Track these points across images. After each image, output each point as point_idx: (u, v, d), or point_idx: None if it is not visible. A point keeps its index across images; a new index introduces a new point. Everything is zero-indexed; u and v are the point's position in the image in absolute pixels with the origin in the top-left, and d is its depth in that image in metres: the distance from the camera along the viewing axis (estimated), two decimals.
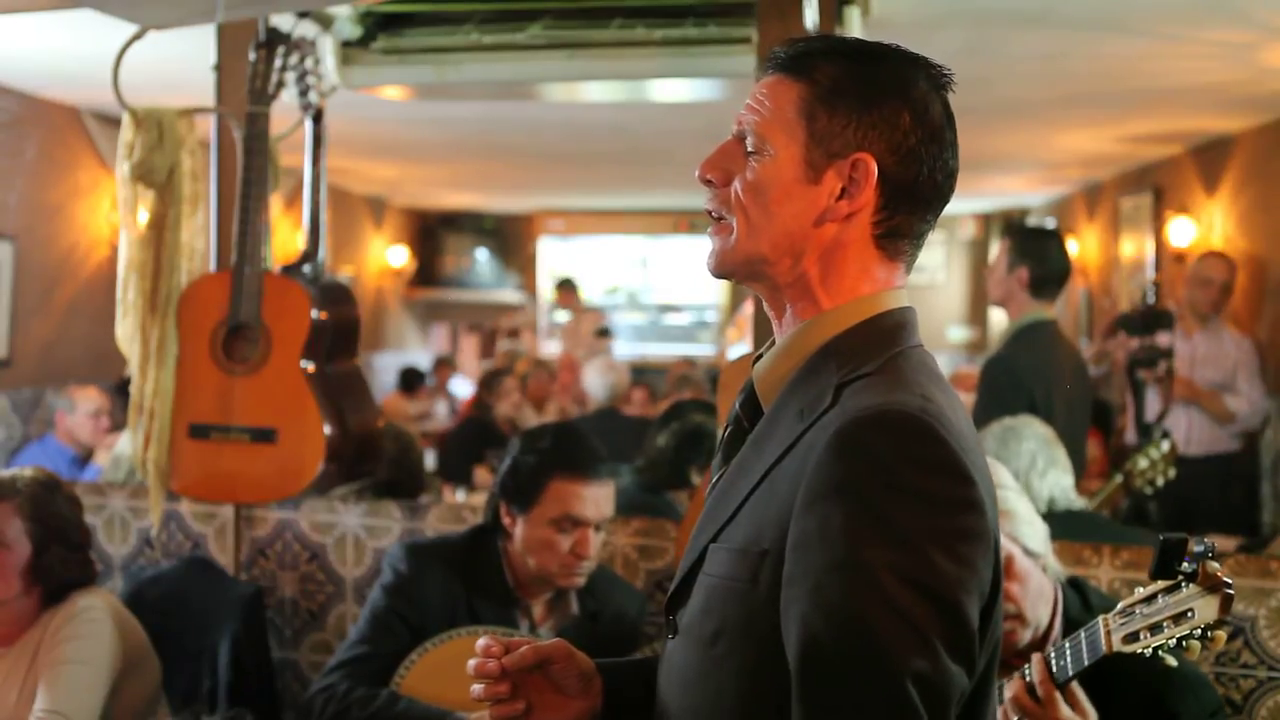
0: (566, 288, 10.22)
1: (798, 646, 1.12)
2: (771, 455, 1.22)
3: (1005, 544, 2.04)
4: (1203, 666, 2.41)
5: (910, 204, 1.26)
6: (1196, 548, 1.72)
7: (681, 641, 1.29)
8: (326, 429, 2.70)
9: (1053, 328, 3.59)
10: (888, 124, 1.23)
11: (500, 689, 1.37)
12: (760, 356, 1.32)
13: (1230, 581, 1.71)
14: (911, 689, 1.08)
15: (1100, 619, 1.85)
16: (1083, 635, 1.88)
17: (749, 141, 1.28)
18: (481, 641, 1.38)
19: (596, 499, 2.44)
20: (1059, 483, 2.89)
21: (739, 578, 1.21)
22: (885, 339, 1.25)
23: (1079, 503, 2.98)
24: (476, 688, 1.37)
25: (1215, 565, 1.72)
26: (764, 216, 1.26)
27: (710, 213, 1.31)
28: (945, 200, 1.28)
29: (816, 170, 1.24)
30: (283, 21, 2.88)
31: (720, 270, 1.31)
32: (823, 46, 1.28)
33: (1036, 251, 3.52)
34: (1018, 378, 3.38)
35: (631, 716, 1.40)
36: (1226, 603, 1.71)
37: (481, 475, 5.14)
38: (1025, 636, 2.11)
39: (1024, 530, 2.12)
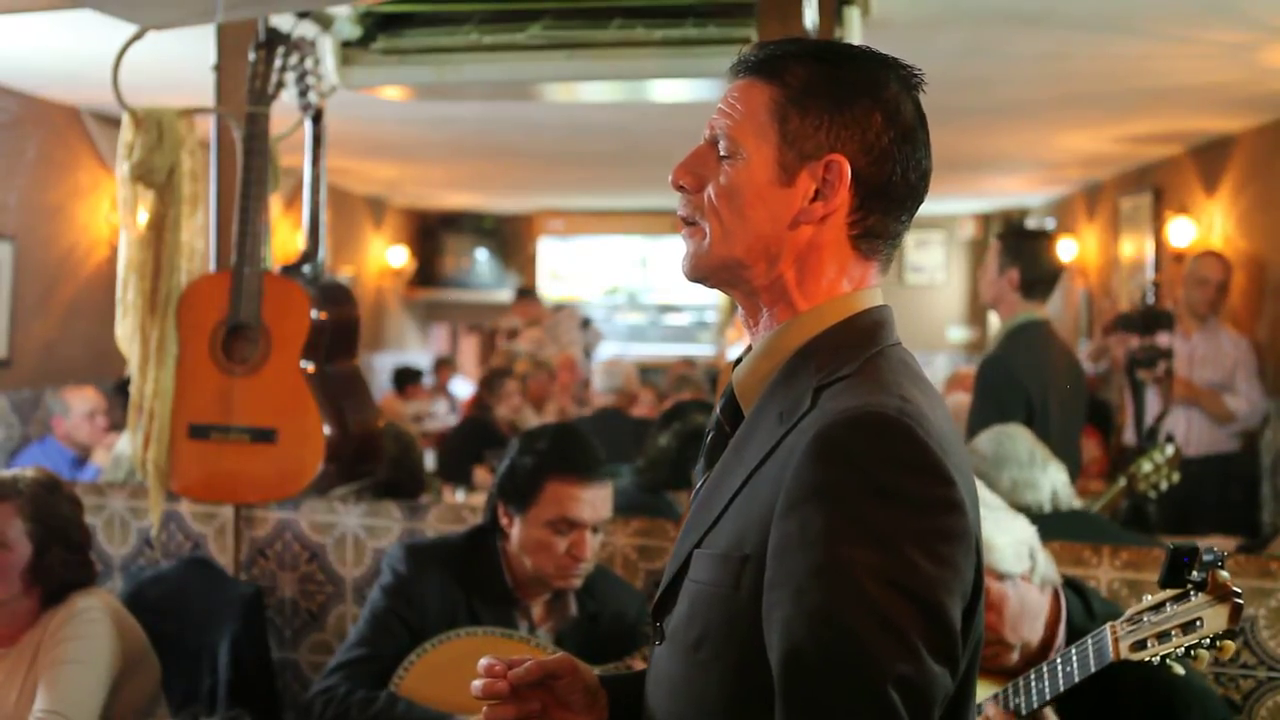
0: (525, 298, 9.29)
1: (780, 651, 1.12)
2: (753, 459, 1.22)
3: None
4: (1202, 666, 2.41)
5: (885, 204, 1.25)
6: (1206, 556, 1.71)
7: (667, 648, 1.28)
8: (326, 429, 2.70)
9: (1045, 328, 3.61)
10: (860, 125, 1.23)
11: (533, 706, 1.35)
12: (740, 360, 1.31)
13: (1239, 591, 1.70)
14: (894, 693, 1.07)
15: (1108, 626, 1.84)
16: (1089, 642, 1.87)
17: (721, 145, 1.27)
18: (483, 662, 1.35)
19: (593, 501, 2.43)
20: (1059, 478, 2.90)
21: (722, 583, 1.20)
22: (863, 339, 1.25)
23: (1078, 502, 2.98)
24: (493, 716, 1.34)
25: (1225, 574, 1.71)
26: (738, 220, 1.25)
27: (684, 218, 1.30)
28: (920, 200, 1.28)
29: (790, 172, 1.24)
30: (283, 22, 2.88)
31: (695, 274, 1.30)
32: (793, 49, 1.27)
33: (1027, 253, 3.55)
34: (1014, 377, 3.40)
35: None
36: (1236, 612, 1.69)
37: (481, 475, 5.12)
38: (1013, 658, 2.09)
39: (995, 556, 2.07)
